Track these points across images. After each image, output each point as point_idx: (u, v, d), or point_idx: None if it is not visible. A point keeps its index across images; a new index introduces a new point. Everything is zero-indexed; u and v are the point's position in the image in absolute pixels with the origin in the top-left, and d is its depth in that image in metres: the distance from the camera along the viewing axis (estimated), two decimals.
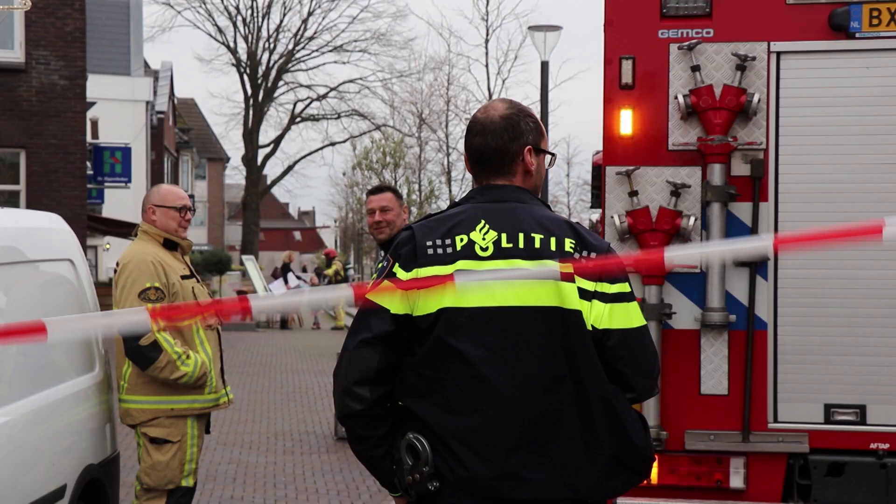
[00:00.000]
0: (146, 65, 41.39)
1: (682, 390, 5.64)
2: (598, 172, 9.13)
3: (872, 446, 5.57)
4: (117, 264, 6.01)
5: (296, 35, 46.25)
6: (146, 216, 6.10)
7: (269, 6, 46.02)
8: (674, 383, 5.60)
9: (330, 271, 33.15)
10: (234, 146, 77.18)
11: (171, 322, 5.55)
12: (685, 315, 5.65)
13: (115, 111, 33.17)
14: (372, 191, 6.79)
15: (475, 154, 3.47)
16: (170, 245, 6.08)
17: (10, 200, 19.78)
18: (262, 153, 47.56)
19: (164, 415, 5.88)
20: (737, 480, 5.66)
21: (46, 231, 6.08)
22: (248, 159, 46.58)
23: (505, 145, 3.43)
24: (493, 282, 3.29)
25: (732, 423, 5.63)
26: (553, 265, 3.28)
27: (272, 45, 46.44)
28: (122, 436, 8.13)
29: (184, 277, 5.98)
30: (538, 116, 3.55)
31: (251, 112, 46.32)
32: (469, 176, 3.80)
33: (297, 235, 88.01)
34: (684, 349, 5.65)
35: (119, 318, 3.97)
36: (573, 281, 3.30)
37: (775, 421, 5.63)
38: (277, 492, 9.65)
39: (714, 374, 5.64)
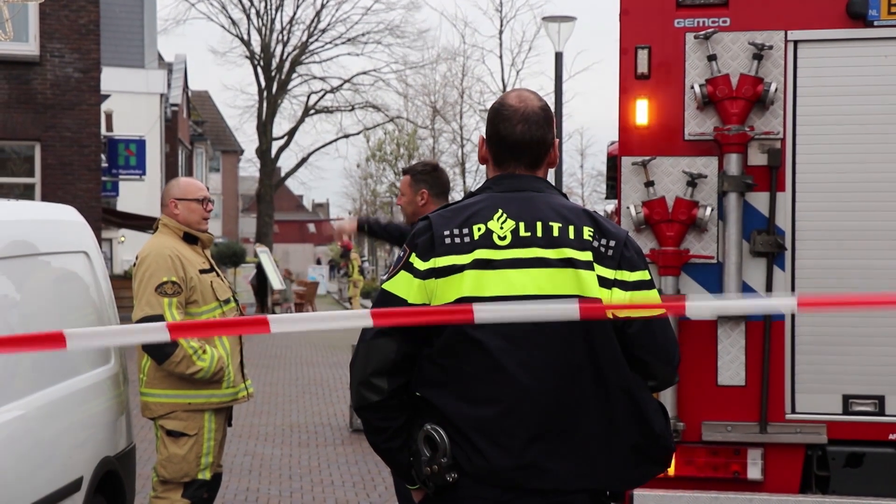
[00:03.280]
0: (160, 57, 41.42)
1: (700, 381, 5.62)
2: (613, 163, 9.11)
3: (891, 437, 5.54)
4: (137, 258, 6.01)
5: (309, 27, 46.27)
6: (168, 210, 6.09)
7: None
8: (691, 374, 5.57)
9: (354, 274, 33.01)
10: (248, 138, 77.30)
11: (188, 336, 5.57)
12: None
13: (130, 104, 33.22)
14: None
15: (514, 142, 3.41)
16: (190, 239, 6.07)
17: (26, 193, 19.83)
18: (276, 145, 47.60)
19: (181, 409, 5.88)
20: (754, 472, 5.63)
21: (61, 223, 6.08)
22: (262, 151, 46.61)
23: (545, 136, 3.43)
24: (511, 271, 3.27)
25: (750, 415, 5.60)
26: (573, 304, 3.22)
27: (286, 38, 46.47)
28: (137, 428, 8.14)
29: (203, 271, 5.97)
30: (552, 108, 3.54)
31: (265, 104, 46.34)
32: (483, 167, 3.72)
33: (312, 227, 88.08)
34: (701, 340, 5.63)
35: (138, 332, 3.98)
36: (592, 269, 3.29)
37: (793, 412, 5.61)
38: (293, 484, 9.66)
39: (731, 365, 5.62)
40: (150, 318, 5.73)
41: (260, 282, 32.79)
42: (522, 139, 3.41)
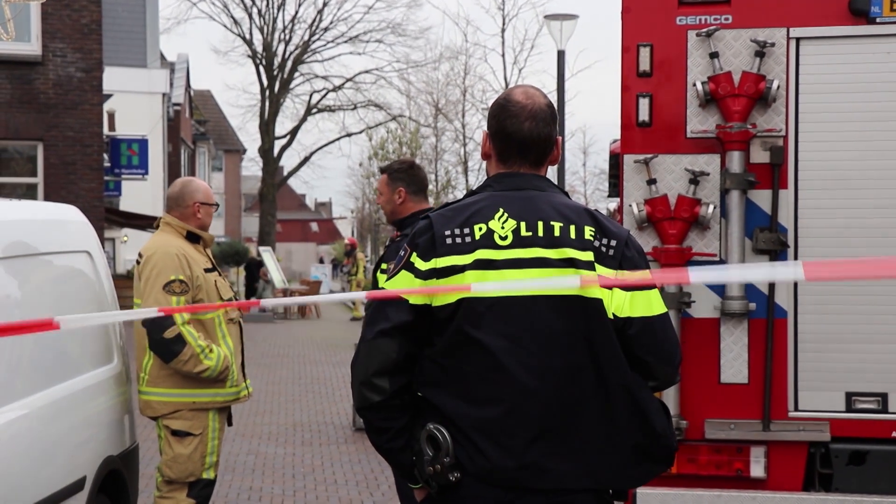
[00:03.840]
0: (162, 57, 41.43)
1: (702, 379, 5.61)
2: (615, 161, 9.09)
3: (894, 434, 5.53)
4: (140, 255, 6.00)
5: (311, 26, 46.30)
6: (187, 211, 6.06)
7: None
8: (693, 372, 5.57)
9: (359, 273, 32.96)
10: (250, 138, 77.38)
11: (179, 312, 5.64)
12: (704, 303, 5.62)
13: (132, 103, 33.24)
14: None
15: (521, 139, 3.38)
16: (192, 238, 6.07)
17: (28, 193, 19.85)
18: (278, 144, 47.64)
19: (185, 408, 5.88)
20: (757, 470, 5.63)
21: (63, 223, 6.08)
22: (265, 151, 46.63)
23: (551, 133, 3.42)
24: (512, 271, 3.27)
25: (753, 412, 5.59)
26: (573, 275, 3.24)
27: (288, 37, 46.50)
28: (141, 427, 8.15)
29: (206, 271, 5.98)
30: (554, 106, 3.52)
31: (267, 103, 46.37)
32: (485, 165, 3.69)
33: (314, 226, 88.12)
34: (704, 338, 5.62)
35: (128, 314, 4.00)
36: (594, 269, 3.28)
37: (796, 409, 5.60)
38: (296, 483, 9.66)
39: (734, 363, 5.61)
40: (159, 317, 5.73)
41: (249, 281, 32.84)
42: (530, 136, 3.39)
